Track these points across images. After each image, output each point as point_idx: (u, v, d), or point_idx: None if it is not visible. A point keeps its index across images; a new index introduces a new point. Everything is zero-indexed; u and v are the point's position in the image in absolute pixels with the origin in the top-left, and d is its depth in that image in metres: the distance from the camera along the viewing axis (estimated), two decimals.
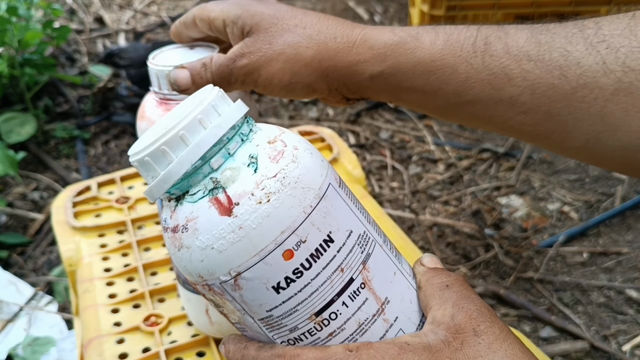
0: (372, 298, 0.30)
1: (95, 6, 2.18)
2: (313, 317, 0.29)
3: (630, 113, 0.34)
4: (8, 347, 1.02)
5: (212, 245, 0.28)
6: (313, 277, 0.28)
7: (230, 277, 0.28)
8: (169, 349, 0.52)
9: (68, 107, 1.66)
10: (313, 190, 0.28)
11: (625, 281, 1.18)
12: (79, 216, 0.68)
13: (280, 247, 0.28)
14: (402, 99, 0.41)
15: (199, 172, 0.28)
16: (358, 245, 0.30)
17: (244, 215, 0.27)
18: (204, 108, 0.29)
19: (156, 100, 0.45)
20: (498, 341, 0.29)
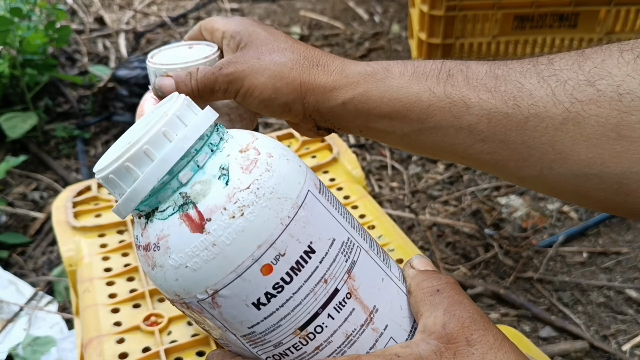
0: (359, 308, 0.28)
1: (96, 6, 2.18)
2: (297, 332, 0.27)
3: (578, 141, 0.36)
4: (8, 346, 1.02)
5: (186, 264, 0.26)
6: (295, 290, 0.27)
7: (208, 295, 0.27)
8: (168, 348, 0.52)
9: (68, 107, 1.67)
10: (290, 199, 0.27)
11: (625, 281, 1.18)
12: (79, 216, 0.68)
13: (258, 262, 0.26)
14: (371, 127, 0.42)
15: (167, 187, 0.27)
16: (342, 254, 0.28)
17: (217, 231, 0.26)
18: (168, 119, 0.27)
19: (154, 98, 0.46)
20: (492, 350, 0.28)
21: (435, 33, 1.60)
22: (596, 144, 0.36)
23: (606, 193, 0.37)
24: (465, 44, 1.62)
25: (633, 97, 0.34)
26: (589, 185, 0.37)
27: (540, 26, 1.59)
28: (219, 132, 0.29)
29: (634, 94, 0.34)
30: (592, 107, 0.35)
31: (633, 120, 0.34)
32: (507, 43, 1.62)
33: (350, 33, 2.06)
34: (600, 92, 0.35)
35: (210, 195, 0.26)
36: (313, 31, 2.06)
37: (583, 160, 0.36)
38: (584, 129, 0.36)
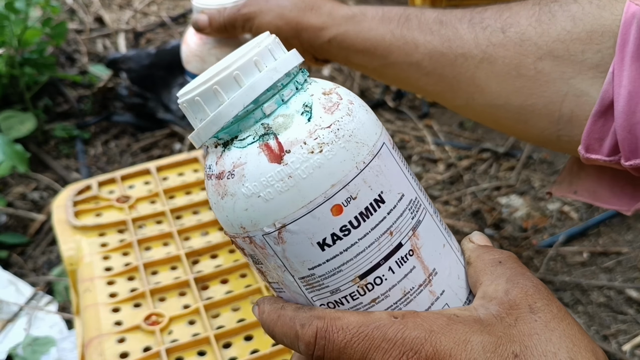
0: (419, 267, 0.28)
1: (95, 6, 2.18)
2: (357, 280, 0.27)
3: (490, 78, 0.44)
4: (8, 347, 1.02)
5: (259, 193, 0.26)
6: (361, 236, 0.27)
7: (275, 228, 0.27)
8: (169, 348, 0.51)
9: (68, 107, 1.66)
10: (367, 146, 0.27)
11: (625, 281, 1.18)
12: (80, 215, 0.67)
13: (330, 201, 0.26)
14: (351, 60, 0.52)
15: (250, 116, 0.27)
16: (409, 210, 0.28)
17: (294, 163, 0.26)
18: (260, 50, 0.28)
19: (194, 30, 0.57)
20: (556, 320, 0.28)
21: None
22: (502, 80, 0.43)
23: (511, 121, 0.45)
24: None
25: (530, 44, 0.42)
26: (499, 115, 0.45)
27: None
28: (304, 74, 0.30)
29: (531, 41, 0.42)
30: (501, 50, 0.43)
31: (529, 62, 0.42)
32: None
33: None
34: (508, 37, 0.43)
35: (292, 128, 0.27)
36: None
37: (494, 93, 0.44)
38: (494, 67, 0.43)
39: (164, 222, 0.67)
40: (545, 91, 0.42)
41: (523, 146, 1.54)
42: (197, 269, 0.60)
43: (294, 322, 0.29)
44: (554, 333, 0.27)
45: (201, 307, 0.56)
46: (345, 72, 1.85)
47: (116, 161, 1.52)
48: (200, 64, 0.57)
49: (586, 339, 0.28)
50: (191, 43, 0.58)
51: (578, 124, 0.41)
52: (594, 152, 0.40)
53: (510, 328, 0.27)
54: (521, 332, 0.27)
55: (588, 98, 0.40)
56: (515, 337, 0.27)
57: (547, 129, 0.43)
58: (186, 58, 0.58)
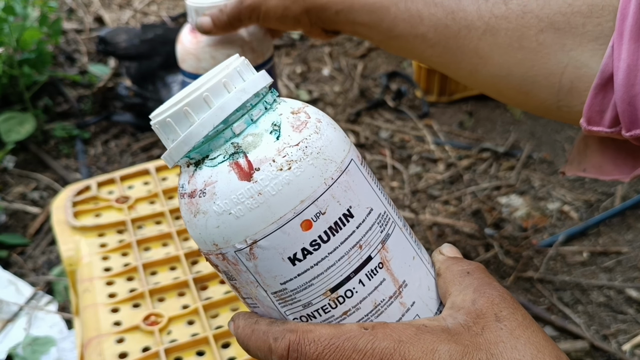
0: (389, 279, 0.29)
1: (95, 5, 2.18)
2: (328, 293, 0.28)
3: (493, 49, 0.44)
4: (8, 346, 1.02)
5: (230, 211, 0.27)
6: (330, 250, 0.28)
7: (246, 245, 0.27)
8: (168, 348, 0.52)
9: (68, 107, 1.66)
10: (335, 163, 0.28)
11: (625, 281, 1.18)
12: (79, 216, 0.67)
13: (299, 217, 0.27)
14: (358, 32, 0.53)
15: (220, 136, 0.28)
16: (378, 224, 0.29)
17: (264, 181, 0.27)
18: (228, 72, 0.28)
19: (189, 28, 0.58)
20: (521, 327, 0.28)
21: None
22: (505, 52, 0.44)
23: (513, 92, 0.46)
24: None
25: (532, 16, 0.42)
26: (501, 85, 0.46)
27: None
28: (273, 94, 0.30)
29: (533, 13, 0.42)
30: (503, 22, 0.44)
31: (530, 34, 0.42)
32: None
33: (344, 35, 2.06)
34: (510, 9, 0.43)
35: (261, 147, 0.28)
36: (307, 35, 2.06)
37: (496, 65, 0.45)
38: (497, 39, 0.44)
39: (163, 223, 0.67)
40: (546, 63, 0.42)
41: (523, 146, 1.53)
42: (196, 270, 0.60)
43: (267, 336, 0.29)
44: (519, 340, 0.28)
45: (200, 307, 0.56)
46: (345, 72, 1.85)
47: (116, 161, 1.52)
48: (195, 62, 0.57)
49: (550, 345, 0.28)
50: (185, 42, 0.58)
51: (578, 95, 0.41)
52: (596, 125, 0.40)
53: (477, 337, 0.28)
54: (487, 340, 0.27)
55: (588, 70, 0.40)
56: (481, 345, 0.27)
57: (548, 100, 0.43)
58: (181, 57, 0.59)
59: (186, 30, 0.59)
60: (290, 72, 1.86)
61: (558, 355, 0.28)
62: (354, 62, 1.91)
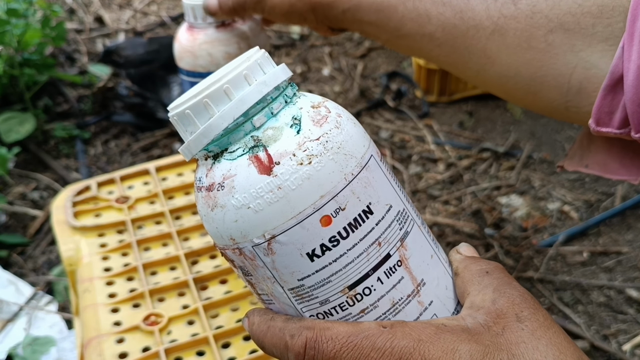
0: (408, 277, 0.29)
1: (95, 6, 2.18)
2: (346, 291, 0.28)
3: (501, 49, 0.44)
4: (8, 346, 1.02)
5: (249, 205, 0.27)
6: (349, 247, 0.27)
7: (264, 240, 0.27)
8: (168, 348, 0.51)
9: (68, 107, 1.66)
10: (355, 158, 0.28)
11: (625, 280, 1.18)
12: (79, 216, 0.67)
13: (319, 212, 0.27)
14: (365, 31, 0.52)
15: (240, 129, 0.28)
16: (397, 222, 0.29)
17: (284, 175, 0.26)
18: (249, 64, 0.28)
19: (186, 26, 0.58)
20: (542, 328, 0.28)
21: None
22: (513, 52, 0.44)
23: (521, 92, 0.45)
24: None
25: (542, 16, 0.42)
26: (509, 85, 0.45)
27: None
28: (293, 87, 0.30)
29: (542, 13, 0.42)
30: (512, 22, 0.43)
31: (540, 34, 0.42)
32: None
33: (351, 32, 2.06)
34: (519, 9, 0.43)
35: (281, 140, 0.27)
36: (313, 30, 2.06)
37: (504, 65, 0.44)
38: (505, 39, 0.44)
39: (163, 223, 0.67)
40: (555, 63, 0.42)
41: (523, 146, 1.53)
42: (196, 270, 0.60)
43: (283, 333, 0.29)
44: (540, 341, 0.27)
45: (200, 307, 0.56)
46: (345, 72, 1.85)
47: (116, 161, 1.52)
48: (192, 59, 0.57)
49: (572, 346, 0.28)
50: (183, 40, 0.58)
51: (586, 95, 0.41)
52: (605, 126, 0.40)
53: (498, 337, 0.27)
54: (508, 341, 0.27)
55: (597, 71, 0.40)
56: (502, 345, 0.27)
57: (556, 100, 0.43)
58: (178, 55, 0.59)
59: (183, 28, 0.59)
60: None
61: (580, 357, 0.28)
62: (354, 62, 1.91)
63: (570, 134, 1.59)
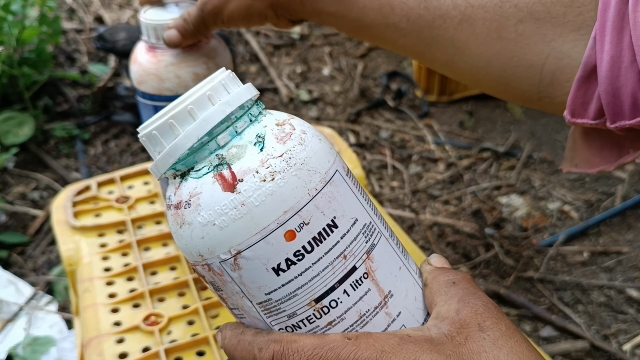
0: (374, 289, 0.29)
1: (95, 5, 2.18)
2: (313, 304, 0.28)
3: (470, 40, 0.43)
4: (8, 346, 1.02)
5: (214, 222, 0.27)
6: (315, 261, 0.28)
7: (230, 255, 0.28)
8: (168, 348, 0.51)
9: (68, 107, 1.66)
10: (319, 173, 0.28)
11: (625, 280, 1.18)
12: (79, 216, 0.67)
13: (283, 227, 0.27)
14: (325, 21, 0.50)
15: (205, 148, 0.28)
16: (363, 234, 0.29)
17: (247, 191, 0.27)
18: (213, 85, 0.29)
19: (145, 47, 0.54)
20: (504, 337, 0.28)
21: None
22: (483, 42, 0.42)
23: (492, 83, 0.44)
24: None
25: (510, 6, 0.41)
26: (480, 76, 0.44)
27: None
28: (259, 106, 0.31)
29: (511, 2, 0.41)
30: (480, 12, 0.42)
31: (509, 24, 0.41)
32: None
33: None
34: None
35: (245, 158, 0.28)
36: (313, 30, 2.06)
37: (474, 55, 0.43)
38: (474, 29, 0.43)
39: (163, 223, 0.67)
40: (526, 54, 0.41)
41: (523, 146, 1.53)
42: None
43: (252, 346, 0.29)
44: (501, 350, 0.28)
45: (200, 307, 0.56)
46: (345, 72, 1.85)
47: (116, 161, 1.52)
48: (157, 82, 0.53)
49: (534, 355, 0.28)
50: (144, 62, 0.53)
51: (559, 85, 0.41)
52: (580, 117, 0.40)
53: (460, 347, 0.28)
54: (470, 350, 0.28)
55: (569, 60, 0.40)
56: (464, 355, 0.27)
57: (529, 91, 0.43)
58: (140, 78, 0.54)
59: (142, 49, 0.54)
60: (290, 72, 1.86)
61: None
62: (354, 62, 1.91)
63: None
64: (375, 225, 0.30)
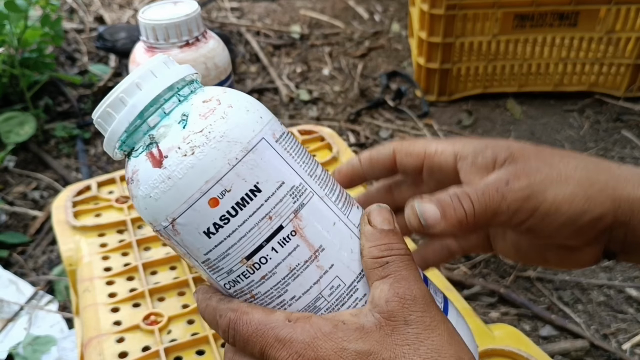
0: (303, 245, 0.31)
1: (96, 5, 2.18)
2: (244, 261, 0.31)
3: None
4: (9, 346, 1.02)
5: (150, 195, 0.31)
6: (240, 223, 0.30)
7: (168, 222, 0.31)
8: (168, 347, 0.52)
9: (68, 107, 1.67)
10: (240, 144, 0.30)
11: (625, 280, 1.18)
12: (79, 216, 0.68)
13: (206, 196, 0.30)
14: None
15: (139, 130, 0.31)
16: (290, 196, 0.31)
17: (171, 166, 0.30)
18: (142, 73, 0.31)
19: (144, 47, 0.54)
20: (427, 331, 0.30)
21: (435, 32, 1.60)
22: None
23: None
24: (466, 42, 1.62)
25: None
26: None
27: (540, 25, 1.59)
28: (191, 86, 0.33)
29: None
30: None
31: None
32: (507, 42, 1.62)
33: (351, 32, 2.06)
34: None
35: (170, 136, 0.31)
36: (313, 30, 2.06)
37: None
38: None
39: None
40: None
41: None
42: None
43: (215, 312, 0.33)
44: (422, 344, 0.29)
45: None
46: (345, 72, 1.85)
47: (116, 161, 1.52)
48: None
49: (453, 347, 0.30)
50: (142, 61, 0.54)
51: None
52: None
53: (387, 337, 0.29)
54: (394, 342, 0.29)
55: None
56: (388, 345, 0.29)
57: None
58: None
59: (141, 49, 0.55)
60: (291, 71, 1.86)
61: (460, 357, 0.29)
62: (354, 61, 1.91)
63: (571, 133, 1.59)
64: (306, 186, 0.32)
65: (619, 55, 1.65)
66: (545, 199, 0.32)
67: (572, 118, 1.66)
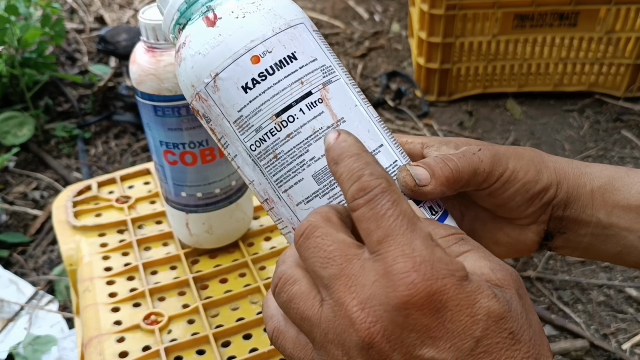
0: (327, 113, 0.34)
1: (96, 5, 2.18)
2: (274, 117, 0.34)
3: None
4: (9, 346, 1.02)
5: (199, 51, 0.34)
6: (275, 82, 0.34)
7: (211, 78, 0.34)
8: (169, 347, 0.52)
9: (68, 107, 1.67)
10: (284, 19, 0.35)
11: (625, 280, 1.18)
12: (80, 216, 0.68)
13: (249, 52, 0.34)
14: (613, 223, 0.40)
15: (198, 1, 0.36)
16: (321, 71, 0.35)
17: (224, 25, 0.34)
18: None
19: (144, 47, 0.55)
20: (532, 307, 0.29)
21: (435, 32, 1.60)
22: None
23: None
24: (465, 42, 1.62)
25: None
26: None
27: (540, 25, 1.59)
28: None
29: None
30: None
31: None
32: (507, 42, 1.62)
33: (350, 32, 2.06)
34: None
35: (226, 4, 0.35)
36: None
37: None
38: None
39: (164, 222, 0.67)
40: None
41: (523, 145, 1.53)
42: (196, 269, 0.61)
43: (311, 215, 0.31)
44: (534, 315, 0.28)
45: (200, 306, 0.56)
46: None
47: (117, 160, 1.52)
48: (156, 82, 0.53)
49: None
50: (142, 62, 0.54)
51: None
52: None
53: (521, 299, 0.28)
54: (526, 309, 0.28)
55: None
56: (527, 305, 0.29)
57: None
58: (138, 78, 0.54)
59: (141, 49, 0.55)
60: None
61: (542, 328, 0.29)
62: (354, 61, 1.91)
63: (571, 133, 1.59)
64: (335, 69, 0.36)
65: (618, 55, 1.65)
66: (508, 167, 0.38)
67: (572, 118, 1.66)
